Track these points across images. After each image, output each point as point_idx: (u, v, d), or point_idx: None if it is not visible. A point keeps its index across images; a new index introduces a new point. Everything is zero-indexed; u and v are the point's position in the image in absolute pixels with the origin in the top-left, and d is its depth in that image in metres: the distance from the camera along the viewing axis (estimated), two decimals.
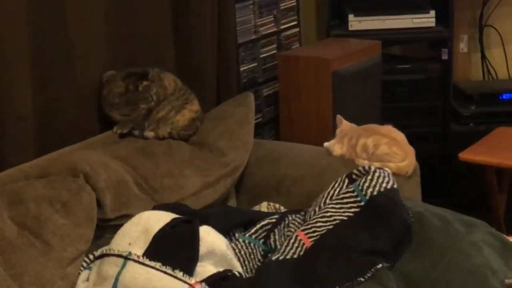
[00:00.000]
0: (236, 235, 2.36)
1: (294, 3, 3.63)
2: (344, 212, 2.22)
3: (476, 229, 2.20)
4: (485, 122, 3.62)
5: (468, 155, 3.14)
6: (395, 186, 2.25)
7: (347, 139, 2.66)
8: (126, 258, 2.04)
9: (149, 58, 2.75)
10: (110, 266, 2.05)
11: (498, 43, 3.95)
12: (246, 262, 2.26)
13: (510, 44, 3.95)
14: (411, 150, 2.60)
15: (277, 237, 2.30)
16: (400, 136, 2.64)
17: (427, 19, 3.60)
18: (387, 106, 3.48)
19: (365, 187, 2.22)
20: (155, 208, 2.29)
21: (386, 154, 2.55)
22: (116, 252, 2.07)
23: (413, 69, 3.74)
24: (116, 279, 2.00)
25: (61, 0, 2.43)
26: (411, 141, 2.68)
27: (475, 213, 2.36)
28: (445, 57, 3.65)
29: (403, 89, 3.69)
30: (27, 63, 2.33)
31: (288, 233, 2.29)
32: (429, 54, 3.84)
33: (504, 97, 3.71)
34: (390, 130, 2.67)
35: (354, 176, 2.32)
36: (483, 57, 3.97)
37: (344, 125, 2.74)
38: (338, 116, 2.77)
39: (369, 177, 2.24)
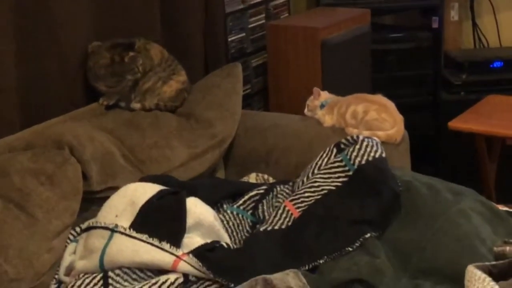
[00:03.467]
0: (224, 206, 2.35)
1: None
2: (332, 181, 2.21)
3: (464, 197, 2.19)
4: (476, 90, 3.59)
5: (458, 123, 3.12)
6: (383, 155, 2.23)
7: (336, 108, 2.64)
8: (113, 230, 2.03)
9: (135, 28, 2.72)
10: (97, 239, 2.04)
11: (489, 10, 3.91)
12: (234, 233, 2.25)
13: (501, 11, 3.92)
14: (399, 118, 2.60)
15: (265, 207, 2.29)
16: (390, 103, 2.64)
17: None
18: (377, 75, 3.46)
19: (353, 156, 2.21)
20: (142, 180, 2.28)
21: (375, 119, 2.55)
22: (102, 225, 2.06)
23: (403, 38, 3.72)
24: (103, 251, 2.00)
25: None
26: (402, 110, 2.67)
27: (466, 182, 2.35)
28: (435, 25, 3.63)
29: (393, 58, 3.67)
30: (9, 35, 2.29)
31: (277, 203, 2.28)
32: (420, 23, 3.80)
33: (495, 65, 3.68)
34: (380, 98, 2.67)
35: (342, 146, 2.31)
36: (474, 25, 3.94)
37: (323, 96, 2.72)
38: (315, 88, 2.75)
39: (357, 146, 2.23)
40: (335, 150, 2.31)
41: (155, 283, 1.92)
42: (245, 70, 3.27)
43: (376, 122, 2.54)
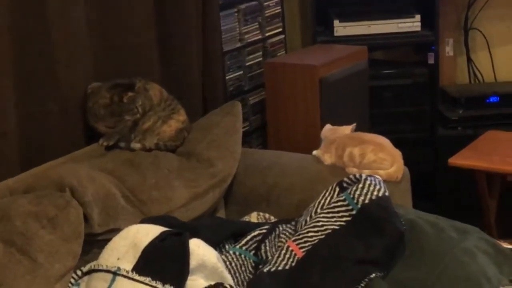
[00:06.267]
0: (227, 246, 2.33)
1: (279, 10, 3.61)
2: (335, 221, 2.20)
3: (469, 236, 2.18)
4: (473, 125, 3.62)
5: (458, 160, 3.12)
6: (386, 193, 2.23)
7: (334, 148, 2.64)
8: (115, 273, 2.00)
9: (134, 69, 2.71)
10: (99, 282, 2.02)
11: (483, 46, 3.94)
12: (237, 274, 2.23)
13: (495, 46, 3.95)
14: (397, 154, 2.59)
15: (268, 248, 2.28)
16: (385, 141, 2.63)
17: (413, 24, 3.60)
18: (374, 111, 3.47)
19: (356, 195, 2.20)
20: (144, 221, 2.26)
21: (373, 161, 2.54)
22: (104, 268, 2.03)
23: (399, 74, 3.74)
24: None
25: (44, 11, 2.39)
26: (400, 146, 2.66)
27: (467, 217, 2.35)
28: (431, 61, 3.65)
29: (390, 94, 3.69)
30: (9, 76, 2.29)
31: (279, 243, 2.26)
32: (415, 59, 3.84)
33: (491, 100, 3.70)
34: (374, 136, 2.65)
35: (345, 185, 2.30)
36: (469, 60, 3.96)
37: (326, 131, 2.72)
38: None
39: (360, 185, 2.22)
40: (338, 189, 2.30)
41: None
42: (243, 108, 3.25)
43: (375, 164, 2.53)
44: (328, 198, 2.29)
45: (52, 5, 2.40)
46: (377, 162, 2.53)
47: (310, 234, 2.19)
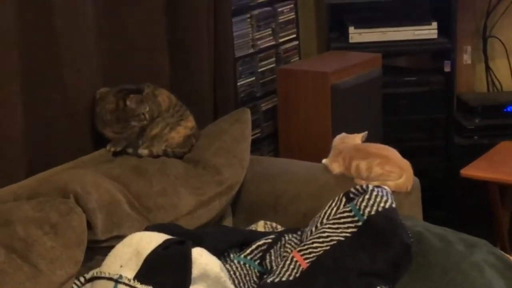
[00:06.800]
0: (231, 255, 2.31)
1: (293, 16, 3.59)
2: (341, 232, 2.17)
3: (477, 249, 2.14)
4: (489, 135, 3.57)
5: (471, 171, 3.08)
6: (393, 205, 2.19)
7: (341, 159, 2.61)
8: (117, 281, 1.99)
9: (144, 74, 2.71)
10: None
11: (502, 54, 3.89)
12: (241, 284, 2.21)
13: None
14: (406, 164, 2.54)
15: (273, 257, 2.25)
16: (392, 152, 2.58)
17: (429, 31, 3.56)
18: (389, 119, 3.44)
19: (362, 207, 2.17)
20: (148, 228, 2.24)
21: (380, 175, 2.50)
22: (106, 275, 2.02)
23: (415, 81, 3.70)
24: None
25: (51, 16, 2.38)
26: (414, 154, 2.63)
27: (478, 227, 2.32)
28: (447, 69, 3.60)
29: (405, 102, 3.65)
30: (16, 82, 2.28)
31: (284, 253, 2.24)
32: (432, 66, 3.79)
33: (509, 109, 3.65)
34: (380, 148, 2.62)
35: (351, 195, 2.27)
36: (488, 68, 3.91)
37: (337, 139, 2.70)
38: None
39: (367, 196, 2.19)
40: (344, 200, 2.27)
41: None
42: (254, 114, 3.27)
43: (382, 177, 2.49)
44: (335, 209, 2.26)
45: (61, 11, 2.40)
46: (384, 175, 2.49)
47: (315, 244, 2.16)
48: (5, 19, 2.22)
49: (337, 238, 2.15)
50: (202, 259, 2.06)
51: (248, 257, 2.27)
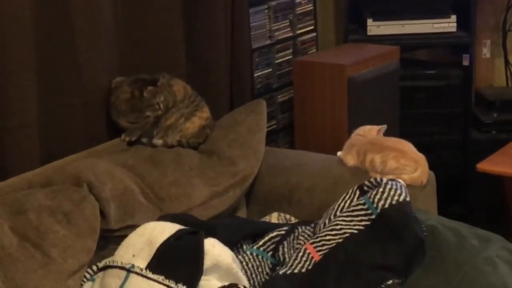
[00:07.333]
0: (244, 247, 2.31)
1: (311, 7, 3.56)
2: (354, 225, 2.16)
3: (491, 244, 2.13)
4: (508, 130, 3.53)
5: (487, 165, 3.05)
6: (407, 199, 2.18)
7: (355, 152, 2.59)
8: (129, 270, 2.00)
9: (160, 63, 2.71)
10: (113, 279, 2.01)
11: None
12: (254, 276, 2.21)
13: None
14: (421, 158, 2.52)
15: (286, 249, 2.25)
16: (407, 146, 2.56)
17: (448, 24, 3.52)
18: (406, 112, 3.41)
19: (376, 200, 2.16)
20: (161, 218, 2.25)
21: (395, 169, 2.48)
22: (119, 264, 2.03)
23: (433, 75, 3.66)
24: None
25: (68, 4, 2.38)
26: (431, 148, 2.61)
27: (494, 222, 2.29)
28: (466, 63, 3.56)
29: (423, 95, 3.61)
30: (32, 69, 2.29)
31: (297, 245, 2.23)
32: (450, 60, 3.75)
33: None
34: (395, 141, 2.60)
35: (365, 188, 2.26)
36: (507, 62, 3.87)
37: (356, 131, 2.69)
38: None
39: (381, 189, 2.17)
40: (358, 193, 2.26)
41: None
42: (271, 106, 3.26)
43: (397, 171, 2.48)
44: (348, 201, 2.25)
45: None
46: (399, 169, 2.47)
47: (328, 237, 2.16)
48: (21, 6, 2.22)
49: (350, 230, 2.15)
50: (215, 250, 2.06)
51: (261, 249, 2.27)
